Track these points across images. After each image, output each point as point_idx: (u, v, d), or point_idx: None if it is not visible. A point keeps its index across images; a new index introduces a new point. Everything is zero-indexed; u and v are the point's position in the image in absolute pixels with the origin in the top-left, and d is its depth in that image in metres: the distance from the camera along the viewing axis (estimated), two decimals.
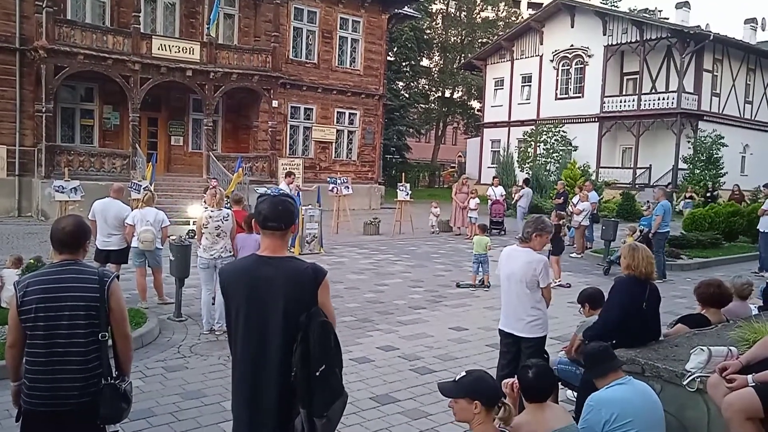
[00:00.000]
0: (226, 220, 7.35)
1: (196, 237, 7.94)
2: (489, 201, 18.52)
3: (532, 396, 3.33)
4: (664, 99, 27.83)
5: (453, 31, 44.85)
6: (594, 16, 30.20)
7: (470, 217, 17.05)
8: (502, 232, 17.76)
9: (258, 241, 7.50)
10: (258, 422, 2.58)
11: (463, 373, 3.16)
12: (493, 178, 20.93)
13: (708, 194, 19.49)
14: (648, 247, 4.80)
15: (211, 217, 7.34)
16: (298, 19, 24.43)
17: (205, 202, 8.30)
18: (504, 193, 19.26)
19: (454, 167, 50.19)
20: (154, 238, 8.21)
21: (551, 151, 28.71)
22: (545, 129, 29.60)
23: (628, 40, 28.86)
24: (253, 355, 2.59)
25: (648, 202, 15.00)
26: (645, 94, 28.55)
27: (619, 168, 29.71)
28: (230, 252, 7.37)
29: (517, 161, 29.11)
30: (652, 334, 4.26)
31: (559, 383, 4.75)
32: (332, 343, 2.52)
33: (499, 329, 4.94)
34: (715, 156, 25.32)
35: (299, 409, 2.51)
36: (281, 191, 2.84)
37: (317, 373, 2.44)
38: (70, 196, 12.48)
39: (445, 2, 43.95)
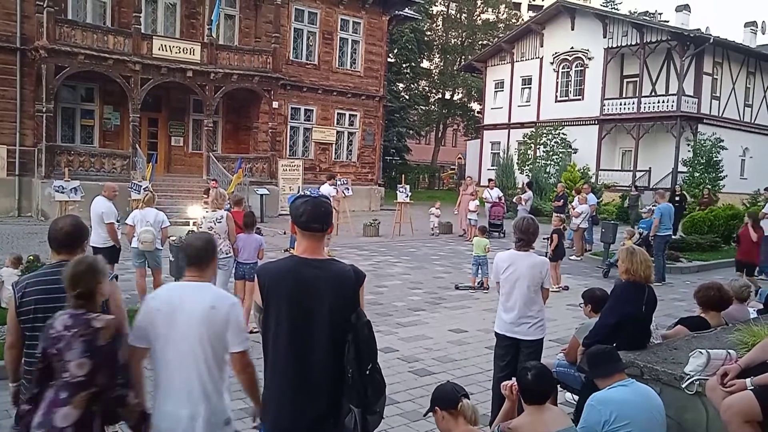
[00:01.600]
0: (219, 221, 7.35)
1: None
2: (486, 203, 18.50)
3: (531, 398, 3.33)
4: (664, 102, 27.83)
5: (453, 33, 44.89)
6: (594, 19, 30.22)
7: (470, 219, 17.08)
8: (502, 235, 17.76)
9: (257, 241, 7.61)
10: (303, 422, 2.59)
11: None
12: (489, 180, 20.94)
13: (677, 198, 19.10)
14: (647, 250, 4.80)
15: (204, 217, 7.42)
16: (298, 20, 24.47)
17: (205, 203, 8.35)
18: (501, 194, 19.26)
19: (453, 169, 50.22)
20: (154, 239, 8.22)
21: (551, 153, 28.71)
22: (545, 131, 29.60)
23: (628, 43, 28.87)
24: (298, 355, 2.59)
25: (642, 204, 15.06)
26: (645, 96, 28.55)
27: (619, 171, 29.70)
28: (227, 254, 7.36)
29: (517, 163, 29.11)
30: (648, 338, 4.27)
31: (558, 385, 4.76)
32: (374, 342, 2.61)
33: (497, 333, 4.90)
34: (715, 159, 25.33)
35: (349, 407, 2.55)
36: (320, 193, 2.88)
37: (367, 372, 2.52)
38: (70, 196, 12.50)
39: (446, 4, 44.01)
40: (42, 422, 2.55)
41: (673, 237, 13.24)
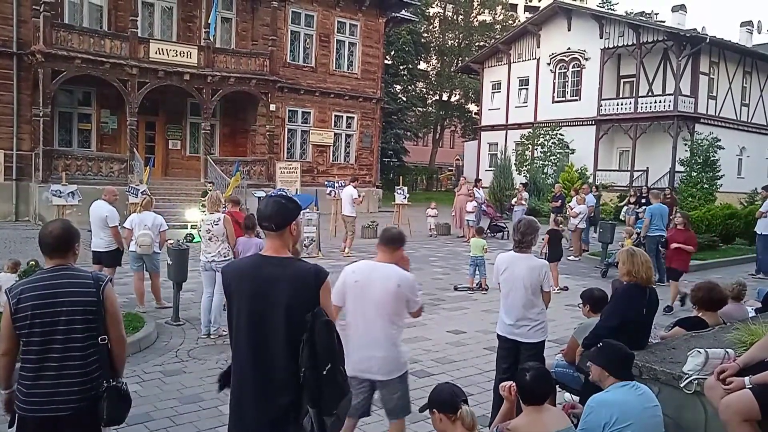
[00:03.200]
0: (216, 224, 7.36)
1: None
2: (478, 204, 18.48)
3: (529, 399, 3.33)
4: (660, 102, 27.87)
5: (450, 35, 44.96)
6: (591, 20, 30.27)
7: (467, 220, 17.09)
8: (504, 237, 17.79)
9: (258, 245, 7.63)
10: (263, 421, 2.59)
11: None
12: (476, 180, 21.09)
13: (643, 199, 18.19)
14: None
15: (203, 220, 7.47)
16: (295, 23, 24.47)
17: (203, 206, 8.37)
18: (483, 195, 19.37)
19: (451, 170, 50.25)
20: (152, 243, 8.22)
21: (548, 154, 28.75)
22: (542, 132, 29.62)
23: (625, 43, 28.91)
24: (256, 354, 2.60)
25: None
26: (642, 96, 28.59)
27: (617, 171, 29.73)
28: (225, 256, 7.35)
29: (515, 164, 29.13)
30: (647, 340, 4.26)
31: (557, 386, 4.75)
32: (336, 342, 2.56)
33: (499, 335, 4.86)
34: (712, 158, 25.37)
35: (307, 408, 2.54)
36: (280, 191, 2.88)
37: (324, 372, 2.49)
38: (68, 200, 12.48)
39: (443, 6, 44.07)
40: None
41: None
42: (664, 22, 32.83)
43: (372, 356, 3.78)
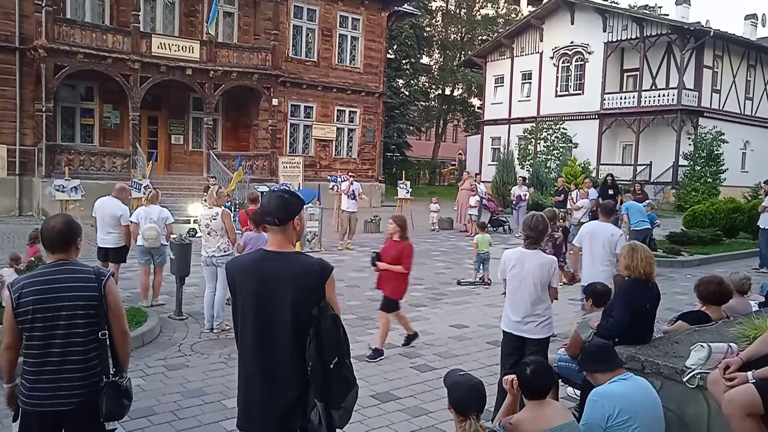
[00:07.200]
0: (215, 218, 7.37)
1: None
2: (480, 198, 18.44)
3: (531, 393, 3.33)
4: (664, 95, 27.77)
5: (453, 29, 44.81)
6: (594, 13, 30.15)
7: (470, 215, 17.08)
8: (505, 231, 17.76)
9: (267, 240, 7.58)
10: (271, 415, 2.59)
11: (462, 372, 3.23)
12: (476, 174, 21.11)
13: (609, 190, 17.31)
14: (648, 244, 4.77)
15: (202, 215, 7.50)
16: (297, 17, 24.43)
17: (206, 200, 8.39)
18: (485, 189, 19.33)
19: (454, 165, 50.20)
20: (158, 235, 8.24)
21: (551, 148, 28.69)
22: (545, 126, 29.56)
23: (628, 37, 28.81)
24: (262, 349, 2.61)
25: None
26: (645, 90, 28.49)
27: (620, 165, 29.65)
28: (224, 252, 7.35)
29: (518, 159, 29.08)
30: (651, 335, 4.25)
31: (560, 380, 4.75)
32: (342, 335, 2.57)
33: (505, 331, 4.83)
34: (716, 152, 25.30)
35: (314, 402, 2.54)
36: (284, 186, 2.88)
37: (331, 366, 2.50)
38: (71, 195, 12.47)
39: None
40: None
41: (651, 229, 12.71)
42: (667, 15, 32.70)
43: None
